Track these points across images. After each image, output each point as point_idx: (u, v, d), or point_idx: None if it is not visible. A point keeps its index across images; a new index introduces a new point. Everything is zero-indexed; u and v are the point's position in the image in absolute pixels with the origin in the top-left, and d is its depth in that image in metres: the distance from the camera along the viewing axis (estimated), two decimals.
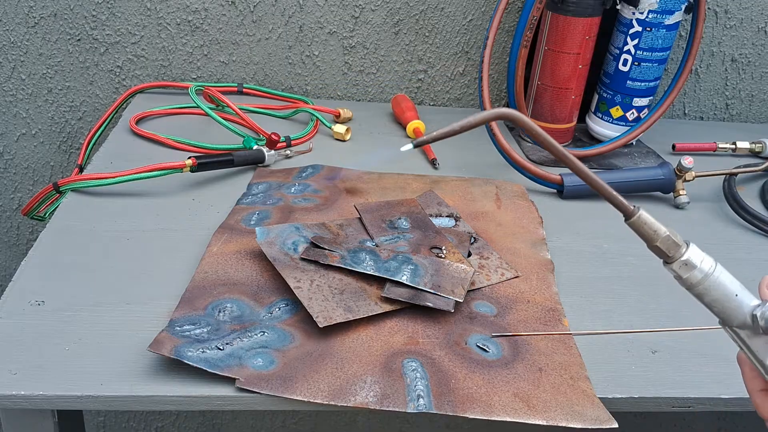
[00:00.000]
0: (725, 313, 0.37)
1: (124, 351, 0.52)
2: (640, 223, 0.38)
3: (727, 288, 0.37)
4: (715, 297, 0.37)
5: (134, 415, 1.30)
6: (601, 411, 0.50)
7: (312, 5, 0.98)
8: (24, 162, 1.07)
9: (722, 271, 0.37)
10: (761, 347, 0.37)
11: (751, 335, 0.37)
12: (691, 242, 0.38)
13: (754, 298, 0.37)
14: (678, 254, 0.37)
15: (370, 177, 0.81)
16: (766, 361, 0.37)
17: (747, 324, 0.36)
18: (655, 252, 0.38)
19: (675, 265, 0.37)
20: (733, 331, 0.38)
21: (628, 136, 0.93)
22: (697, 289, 0.37)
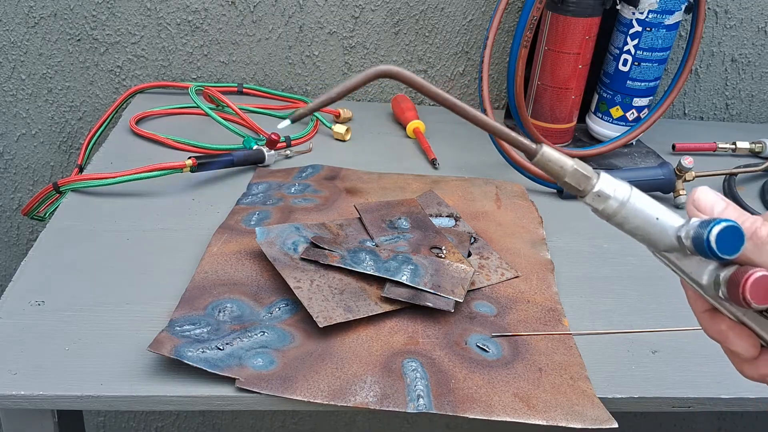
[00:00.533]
0: (650, 239, 0.35)
1: (124, 351, 0.52)
2: (544, 160, 0.36)
3: (646, 213, 0.35)
4: (636, 224, 0.35)
5: (134, 415, 1.30)
6: (601, 411, 0.50)
7: (312, 5, 0.98)
8: (24, 162, 1.07)
9: (640, 196, 0.35)
10: (695, 267, 0.35)
11: (681, 257, 0.35)
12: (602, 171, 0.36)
13: (679, 219, 0.35)
14: (589, 186, 0.36)
15: (370, 177, 0.81)
16: (703, 281, 0.35)
17: (674, 246, 0.35)
18: (567, 188, 0.36)
19: (588, 197, 0.36)
20: (664, 257, 0.36)
21: (628, 136, 0.93)
22: (615, 219, 0.36)
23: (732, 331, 0.36)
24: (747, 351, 0.35)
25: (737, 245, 0.32)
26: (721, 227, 0.32)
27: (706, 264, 0.35)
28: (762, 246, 0.33)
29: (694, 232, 0.33)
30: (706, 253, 0.32)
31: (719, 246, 0.32)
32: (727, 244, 0.32)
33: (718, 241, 0.32)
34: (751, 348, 0.35)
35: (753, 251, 0.33)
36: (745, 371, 0.37)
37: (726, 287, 0.33)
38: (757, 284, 0.32)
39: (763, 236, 0.33)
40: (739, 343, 0.35)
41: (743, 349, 0.35)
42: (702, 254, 0.33)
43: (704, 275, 0.35)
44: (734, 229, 0.32)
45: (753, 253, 0.33)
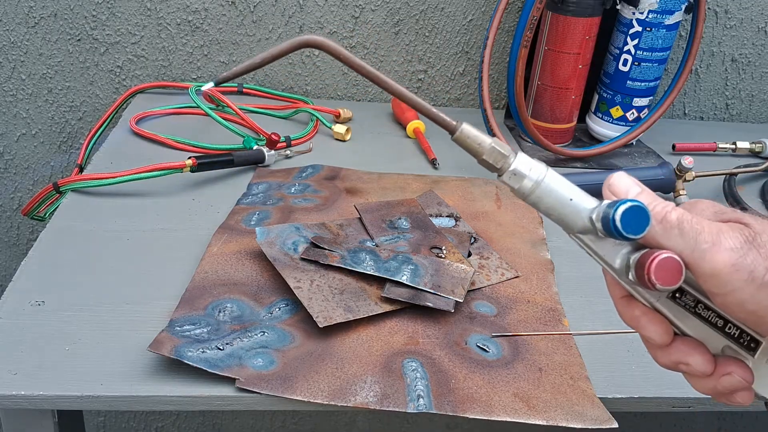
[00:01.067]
0: (564, 219, 0.36)
1: (124, 351, 0.52)
2: (463, 137, 0.37)
3: (560, 194, 0.35)
4: (550, 204, 0.36)
5: (134, 415, 1.30)
6: (601, 411, 0.50)
7: (312, 5, 0.98)
8: (24, 162, 1.07)
9: (555, 177, 0.36)
10: (608, 251, 0.35)
11: (595, 240, 0.35)
12: (519, 151, 0.37)
13: (593, 201, 0.35)
14: (506, 165, 0.36)
15: (370, 177, 0.81)
16: (615, 265, 0.35)
17: (587, 228, 0.35)
18: (485, 166, 0.37)
19: (505, 176, 0.36)
20: (579, 239, 0.36)
21: (628, 136, 0.93)
22: (531, 199, 0.36)
23: (645, 316, 0.36)
24: (660, 337, 0.36)
25: (642, 225, 0.32)
26: (626, 206, 0.32)
27: (619, 248, 0.35)
28: (671, 230, 0.33)
29: (603, 212, 0.33)
30: (612, 232, 0.33)
31: (624, 225, 0.32)
32: (632, 224, 0.32)
33: (623, 219, 0.32)
34: (663, 334, 0.36)
35: (662, 235, 0.33)
36: (659, 358, 0.37)
37: (634, 270, 0.34)
38: (661, 265, 0.32)
39: (673, 220, 0.33)
40: (652, 328, 0.36)
41: (656, 334, 0.36)
42: (610, 234, 0.33)
43: (617, 259, 0.35)
44: (639, 209, 0.32)
45: (662, 237, 0.33)
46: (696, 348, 0.36)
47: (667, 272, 0.32)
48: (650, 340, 0.36)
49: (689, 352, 0.36)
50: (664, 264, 0.32)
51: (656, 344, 0.36)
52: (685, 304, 0.36)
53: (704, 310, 0.36)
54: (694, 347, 0.36)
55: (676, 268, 0.32)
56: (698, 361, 0.35)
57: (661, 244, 0.33)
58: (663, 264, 0.32)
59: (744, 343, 0.36)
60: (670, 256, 0.32)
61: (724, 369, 0.36)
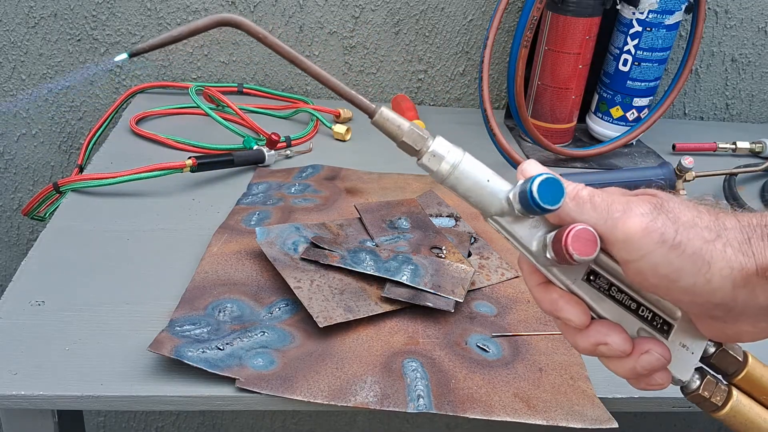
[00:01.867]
0: (481, 202, 0.37)
1: (124, 351, 0.52)
2: (382, 120, 0.37)
3: (478, 175, 0.36)
4: (468, 186, 0.36)
5: (134, 415, 1.30)
6: (601, 411, 0.50)
7: (312, 5, 0.98)
8: (24, 162, 1.07)
9: (472, 161, 0.37)
10: (525, 233, 0.36)
11: (512, 222, 0.36)
12: (438, 135, 0.38)
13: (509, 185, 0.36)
14: (425, 146, 0.37)
15: (370, 177, 0.81)
16: (532, 247, 0.36)
17: (504, 209, 0.36)
18: (404, 149, 0.38)
19: (424, 159, 0.37)
20: (495, 221, 0.37)
21: (628, 136, 0.93)
22: (449, 181, 0.37)
23: (563, 299, 0.37)
24: (578, 317, 0.36)
25: (558, 195, 0.33)
26: (542, 178, 0.33)
27: (534, 231, 0.36)
28: (583, 204, 0.35)
29: (520, 188, 0.35)
30: (530, 205, 0.34)
31: (541, 195, 0.33)
32: (548, 195, 0.33)
33: (540, 190, 0.33)
34: (582, 314, 0.36)
35: (575, 211, 0.35)
36: (579, 343, 0.38)
37: (551, 246, 0.35)
38: (577, 236, 0.34)
39: (584, 196, 0.35)
40: (570, 309, 0.36)
41: (574, 315, 0.36)
42: (527, 209, 0.34)
43: (533, 241, 0.36)
44: (554, 180, 0.33)
45: (576, 212, 0.35)
46: (614, 328, 0.36)
47: (583, 242, 0.34)
48: (569, 321, 0.37)
49: (607, 332, 0.36)
50: (579, 234, 0.34)
51: (575, 326, 0.37)
52: (599, 286, 0.37)
53: (618, 292, 0.37)
54: (612, 327, 0.37)
55: (591, 238, 0.34)
56: (617, 340, 0.36)
57: (575, 219, 0.35)
58: (578, 235, 0.34)
59: (657, 326, 0.37)
60: (585, 227, 0.34)
61: (642, 347, 0.36)
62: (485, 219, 0.38)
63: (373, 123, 0.38)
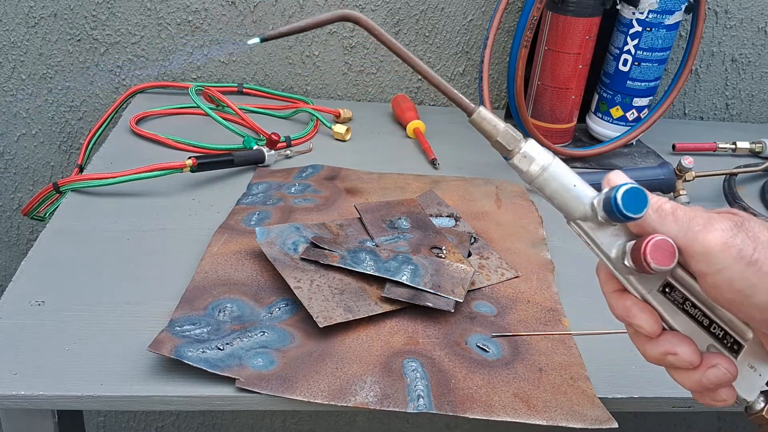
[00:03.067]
0: (566, 204, 0.38)
1: (124, 351, 0.52)
2: (480, 119, 0.40)
3: (565, 179, 0.38)
4: (554, 188, 0.38)
5: (134, 415, 1.30)
6: (601, 411, 0.50)
7: (312, 5, 0.98)
8: (24, 162, 1.07)
9: (561, 165, 0.39)
10: (606, 240, 0.38)
11: (594, 228, 0.38)
12: (530, 138, 0.39)
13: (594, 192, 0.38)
14: (518, 147, 0.39)
15: (370, 177, 0.81)
16: (612, 254, 0.38)
17: (588, 215, 0.37)
18: (497, 148, 0.40)
19: (516, 158, 0.39)
20: (578, 225, 0.38)
21: (628, 136, 0.93)
22: (537, 182, 0.38)
23: (636, 306, 0.38)
24: (650, 326, 0.37)
25: (641, 205, 0.35)
26: (627, 187, 0.35)
27: (615, 239, 0.38)
28: (665, 217, 0.36)
29: (605, 195, 0.36)
30: (614, 212, 0.35)
31: (625, 203, 0.35)
32: (633, 203, 0.35)
33: (624, 199, 0.35)
34: (654, 323, 0.38)
35: (657, 222, 0.36)
36: (648, 351, 0.39)
37: (630, 254, 0.36)
38: (657, 246, 0.35)
39: (667, 208, 0.36)
40: (643, 317, 0.38)
41: (647, 323, 0.37)
42: (611, 216, 0.36)
43: (613, 248, 0.38)
44: (638, 190, 0.35)
45: (657, 223, 0.36)
46: (683, 339, 0.38)
47: (661, 253, 0.35)
48: (641, 329, 0.38)
49: (677, 343, 0.37)
50: (658, 245, 0.35)
51: (646, 334, 0.38)
52: (674, 299, 0.38)
53: (692, 307, 0.38)
54: (682, 339, 0.38)
55: (670, 249, 0.35)
56: (686, 351, 0.37)
57: (656, 230, 0.36)
58: (658, 245, 0.35)
59: (727, 344, 0.38)
60: (664, 238, 0.35)
61: (710, 362, 0.37)
62: (567, 223, 0.39)
63: (470, 121, 0.40)
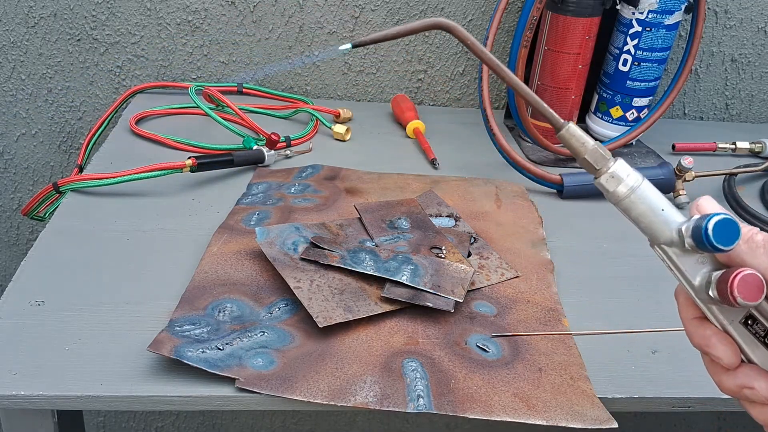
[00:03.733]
0: (651, 228, 0.37)
1: (124, 351, 0.52)
2: (569, 135, 0.39)
3: (653, 202, 0.37)
4: (641, 211, 0.37)
5: (134, 415, 1.30)
6: (601, 411, 0.50)
7: (312, 5, 0.98)
8: (24, 162, 1.07)
9: (649, 187, 0.38)
10: (690, 267, 0.37)
11: (679, 254, 0.37)
12: (619, 158, 0.39)
13: (682, 216, 0.37)
14: (605, 167, 0.38)
15: (370, 177, 0.81)
16: (695, 282, 0.37)
17: (674, 241, 0.36)
18: (585, 166, 0.39)
19: (603, 178, 0.38)
20: (662, 250, 0.37)
21: (628, 136, 0.93)
22: (623, 204, 0.38)
23: (716, 336, 0.37)
24: (729, 357, 0.36)
25: (733, 237, 0.34)
26: (719, 218, 0.34)
27: (700, 266, 0.37)
28: (756, 249, 0.35)
29: (695, 223, 0.35)
30: (704, 242, 0.34)
31: (716, 235, 0.34)
32: (724, 235, 0.34)
33: (715, 230, 0.34)
34: (733, 355, 0.36)
35: (747, 253, 0.35)
36: (724, 382, 0.38)
37: (716, 285, 0.35)
38: (745, 280, 0.34)
39: (759, 240, 0.35)
40: (722, 348, 0.37)
41: (726, 355, 0.36)
42: (700, 245, 0.35)
43: (697, 276, 0.37)
44: (731, 222, 0.34)
45: (747, 255, 0.35)
46: (763, 374, 0.36)
47: (750, 287, 0.34)
48: (719, 360, 0.37)
49: (755, 376, 0.36)
50: (748, 279, 0.34)
51: (724, 365, 0.37)
52: (755, 332, 0.37)
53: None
54: (762, 373, 0.36)
55: (759, 284, 0.34)
56: (764, 387, 0.36)
57: (745, 261, 0.35)
58: (746, 279, 0.34)
59: None
60: (753, 273, 0.34)
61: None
62: (651, 246, 0.38)
63: (559, 137, 0.39)
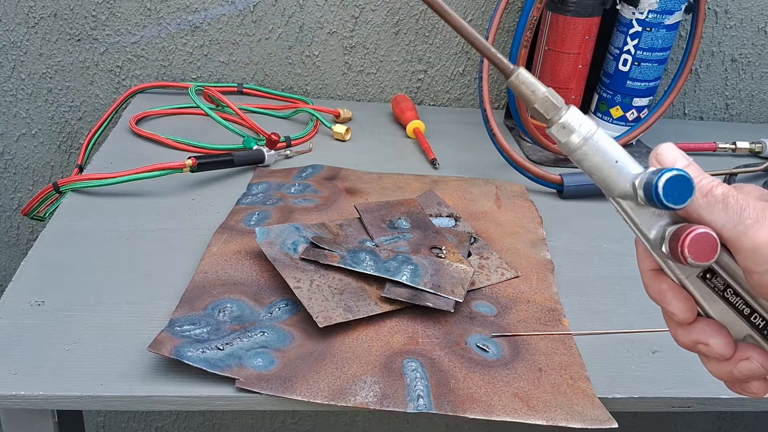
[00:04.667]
0: (605, 181, 0.35)
1: (124, 351, 0.52)
2: (518, 82, 0.37)
3: (608, 153, 0.35)
4: (595, 162, 0.35)
5: (134, 415, 1.30)
6: (601, 411, 0.50)
7: (312, 5, 0.98)
8: (24, 162, 1.07)
9: (604, 137, 0.36)
10: (646, 219, 0.35)
11: (634, 207, 0.35)
12: (572, 106, 0.37)
13: (638, 167, 0.35)
14: (557, 116, 0.36)
15: (370, 177, 0.81)
16: (650, 235, 0.35)
17: (628, 193, 0.35)
18: (535, 114, 0.37)
19: (554, 128, 0.36)
20: (618, 204, 0.36)
21: (628, 136, 0.93)
22: (576, 155, 0.36)
23: (672, 291, 0.36)
24: (683, 313, 0.36)
25: (685, 196, 0.32)
26: (671, 174, 0.32)
27: (657, 219, 0.35)
28: (715, 204, 0.33)
29: (647, 178, 0.33)
30: (653, 200, 0.32)
31: (666, 193, 0.32)
32: (674, 193, 0.32)
33: (666, 187, 0.32)
34: (687, 311, 0.36)
35: (705, 208, 0.33)
36: (679, 336, 0.37)
37: (668, 242, 0.34)
38: (697, 240, 0.32)
39: (718, 194, 0.33)
40: (677, 304, 0.36)
41: (680, 311, 0.35)
42: (650, 202, 0.33)
43: (653, 229, 0.35)
44: (683, 178, 0.32)
45: (705, 210, 0.33)
46: (718, 330, 0.35)
47: (701, 247, 0.32)
48: (673, 315, 0.36)
49: (711, 333, 0.35)
50: (699, 239, 0.32)
51: (679, 321, 0.36)
52: (714, 286, 0.35)
53: (732, 295, 0.35)
54: (717, 329, 0.35)
55: (712, 244, 0.32)
56: (719, 343, 0.35)
57: (702, 217, 0.33)
58: (698, 239, 0.32)
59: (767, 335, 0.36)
60: (707, 232, 0.32)
61: (744, 354, 0.35)
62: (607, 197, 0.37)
63: (508, 83, 0.37)
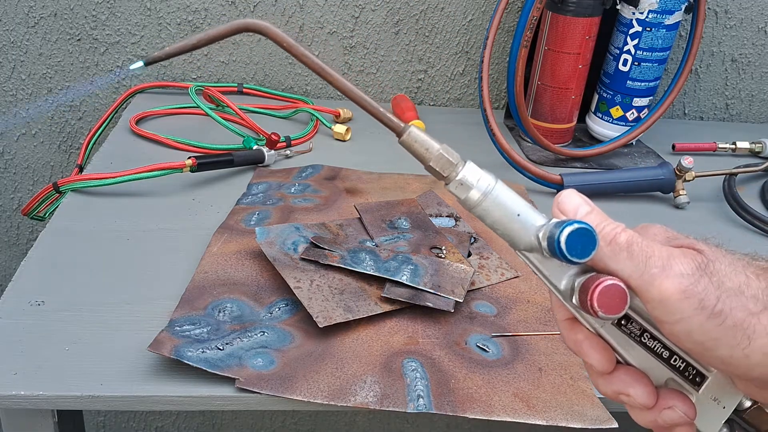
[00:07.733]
0: (510, 235, 0.34)
1: (124, 351, 0.52)
2: (410, 141, 0.35)
3: (509, 208, 0.34)
4: (497, 217, 0.34)
5: (134, 415, 1.30)
6: (601, 411, 0.50)
7: (312, 5, 0.98)
8: (24, 162, 1.07)
9: (505, 189, 0.34)
10: (555, 271, 0.33)
11: (541, 259, 0.34)
12: (469, 161, 0.35)
13: (541, 219, 0.33)
14: (453, 173, 0.35)
15: (370, 177, 0.81)
16: (561, 286, 0.33)
17: (534, 246, 0.33)
18: (432, 173, 0.35)
19: (452, 185, 0.35)
20: (525, 257, 0.34)
21: (628, 136, 0.93)
22: (477, 211, 0.34)
23: (588, 341, 0.34)
24: (601, 365, 0.34)
25: (588, 249, 0.31)
26: (573, 228, 0.31)
27: (566, 269, 0.33)
28: (619, 252, 0.31)
29: (549, 231, 0.32)
30: (557, 254, 0.31)
31: (569, 248, 0.31)
32: (578, 247, 0.31)
33: (568, 242, 0.31)
34: (605, 362, 0.34)
35: (611, 257, 0.32)
36: (600, 386, 0.35)
37: (578, 294, 0.32)
38: (605, 292, 0.31)
39: (622, 242, 0.32)
40: (594, 355, 0.34)
41: (597, 362, 0.34)
42: (554, 256, 0.32)
43: (563, 280, 0.34)
44: (586, 231, 0.31)
45: (610, 260, 0.32)
46: (638, 379, 0.34)
47: (610, 300, 0.31)
48: (592, 367, 0.34)
49: (631, 382, 0.34)
50: (607, 291, 0.31)
51: (597, 371, 0.34)
52: (630, 332, 0.34)
53: (650, 339, 0.34)
54: (637, 378, 0.34)
55: (621, 296, 0.31)
56: (639, 393, 0.34)
57: (608, 266, 0.32)
58: (606, 291, 0.31)
59: (689, 376, 0.35)
60: (615, 283, 0.31)
61: (666, 402, 0.34)
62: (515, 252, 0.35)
63: (400, 143, 0.36)
